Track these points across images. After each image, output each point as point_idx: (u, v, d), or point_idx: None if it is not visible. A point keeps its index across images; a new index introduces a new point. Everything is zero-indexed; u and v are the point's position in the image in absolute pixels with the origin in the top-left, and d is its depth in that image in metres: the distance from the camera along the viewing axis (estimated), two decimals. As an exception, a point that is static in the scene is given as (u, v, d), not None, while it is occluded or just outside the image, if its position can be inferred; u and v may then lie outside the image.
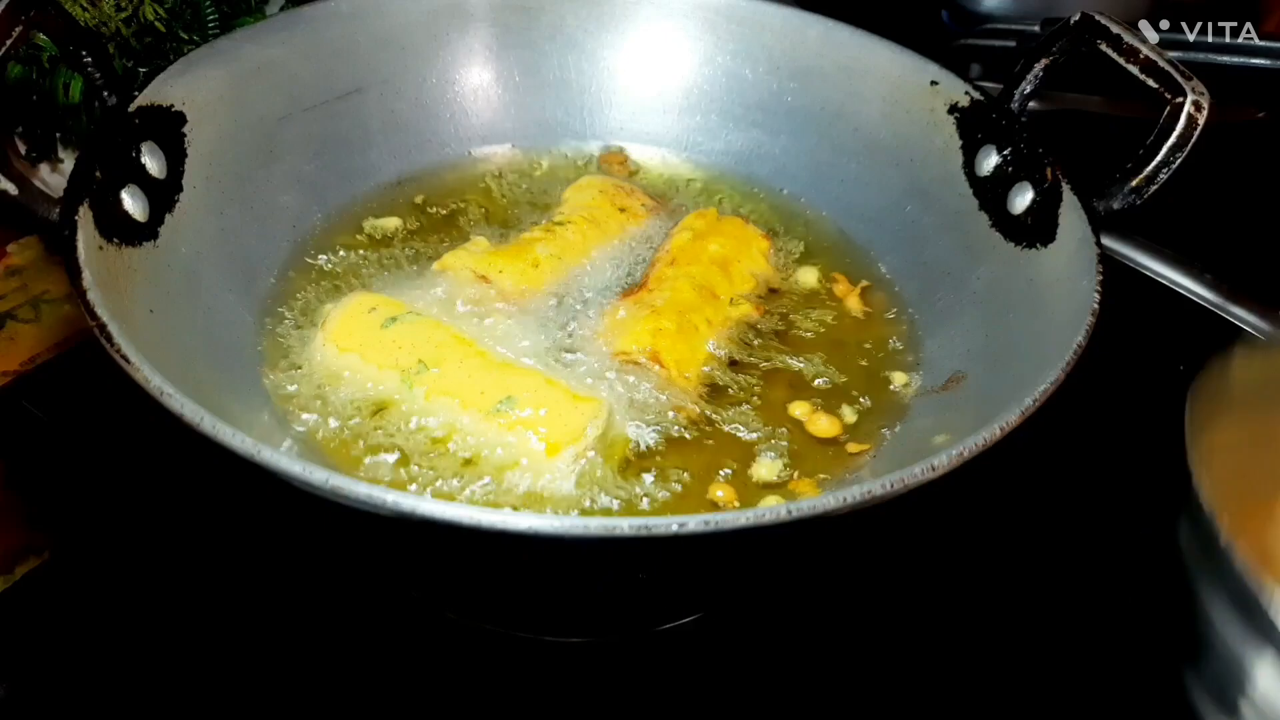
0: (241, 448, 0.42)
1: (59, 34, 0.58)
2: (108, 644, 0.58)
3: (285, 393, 0.60)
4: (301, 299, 0.67)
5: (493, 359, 0.61)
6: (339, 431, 0.59)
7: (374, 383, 0.60)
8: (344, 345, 0.61)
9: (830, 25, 0.79)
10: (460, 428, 0.58)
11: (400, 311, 0.63)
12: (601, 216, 0.75)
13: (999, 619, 0.64)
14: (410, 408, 0.59)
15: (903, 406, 0.64)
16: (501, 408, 0.58)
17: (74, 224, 0.52)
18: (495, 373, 0.60)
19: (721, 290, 0.69)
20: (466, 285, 0.68)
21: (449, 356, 0.60)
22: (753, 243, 0.74)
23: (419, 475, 0.56)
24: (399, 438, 0.58)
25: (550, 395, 0.59)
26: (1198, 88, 0.60)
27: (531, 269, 0.69)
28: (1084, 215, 0.61)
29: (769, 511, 0.42)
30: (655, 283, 0.69)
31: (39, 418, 0.70)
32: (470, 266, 0.69)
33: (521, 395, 0.58)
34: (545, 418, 0.57)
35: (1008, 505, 0.68)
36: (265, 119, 0.70)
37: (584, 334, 0.66)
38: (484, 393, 0.58)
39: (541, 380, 0.60)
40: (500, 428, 0.57)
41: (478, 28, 0.81)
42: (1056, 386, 0.50)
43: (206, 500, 0.64)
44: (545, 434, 0.57)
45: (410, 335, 0.61)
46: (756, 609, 0.64)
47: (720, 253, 0.71)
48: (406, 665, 0.58)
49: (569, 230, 0.73)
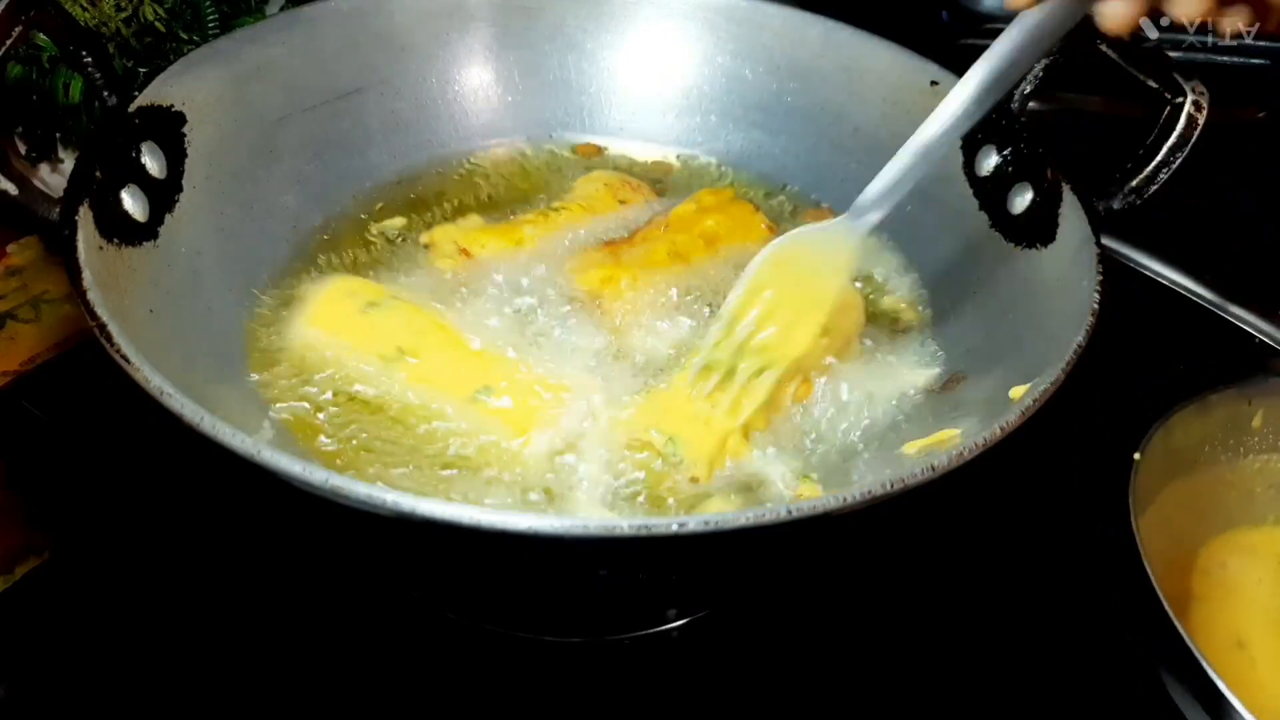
0: (241, 448, 0.42)
1: (59, 34, 0.58)
2: (108, 644, 0.58)
3: (282, 389, 0.60)
4: (302, 299, 0.67)
5: (470, 348, 0.61)
6: (320, 422, 0.59)
7: (353, 369, 0.61)
8: (326, 329, 0.62)
9: (830, 25, 0.79)
10: (438, 416, 0.58)
11: (380, 296, 0.64)
12: (599, 206, 0.75)
13: (995, 617, 0.64)
14: (389, 396, 0.60)
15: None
16: (479, 396, 0.58)
17: (74, 224, 0.52)
18: (473, 362, 0.60)
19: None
20: (448, 258, 0.69)
21: (428, 344, 0.61)
22: (752, 229, 0.74)
23: (399, 463, 0.57)
24: (377, 427, 0.58)
25: (526, 384, 0.59)
26: (1198, 88, 0.60)
27: (514, 247, 0.70)
28: (1084, 215, 0.61)
29: (769, 511, 0.42)
30: (640, 240, 0.70)
31: (39, 418, 0.70)
32: (455, 239, 0.70)
33: (498, 385, 0.59)
34: (521, 407, 0.58)
35: (1005, 503, 0.68)
36: (265, 119, 0.70)
37: (550, 294, 0.67)
38: (461, 382, 0.59)
39: (517, 368, 0.60)
40: (478, 416, 0.58)
41: (478, 28, 0.81)
42: (1056, 386, 0.50)
43: (206, 500, 0.64)
44: (520, 423, 0.58)
45: (390, 321, 0.62)
46: (756, 609, 0.64)
47: (713, 229, 0.72)
48: (406, 665, 0.58)
49: (561, 215, 0.73)
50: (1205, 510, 0.65)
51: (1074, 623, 0.63)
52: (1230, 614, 0.61)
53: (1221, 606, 0.62)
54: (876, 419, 0.63)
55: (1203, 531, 0.65)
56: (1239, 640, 0.60)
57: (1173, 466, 0.62)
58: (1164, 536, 0.59)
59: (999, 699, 0.60)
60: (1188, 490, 0.63)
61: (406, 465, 0.57)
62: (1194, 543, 0.65)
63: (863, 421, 0.63)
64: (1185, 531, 0.64)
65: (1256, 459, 0.66)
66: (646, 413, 0.59)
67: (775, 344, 0.61)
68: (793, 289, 0.62)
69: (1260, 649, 0.59)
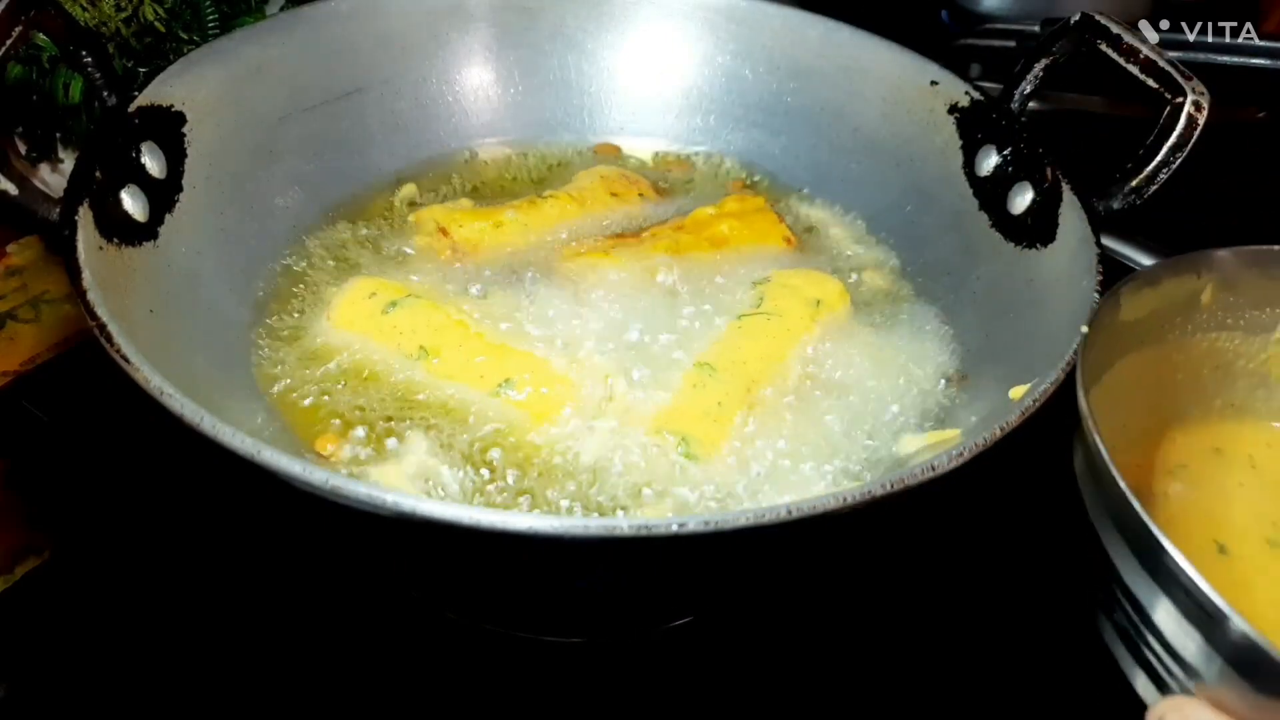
0: (241, 448, 0.42)
1: (59, 34, 0.58)
2: (108, 644, 0.58)
3: (284, 389, 0.60)
4: (302, 298, 0.67)
5: (488, 340, 0.62)
6: (342, 427, 0.59)
7: (378, 369, 0.61)
8: (351, 330, 0.63)
9: (830, 25, 0.79)
10: (464, 409, 0.60)
11: (399, 295, 0.64)
12: (589, 197, 0.76)
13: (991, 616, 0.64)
14: (413, 394, 0.60)
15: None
16: (501, 390, 0.60)
17: (74, 224, 0.52)
18: (492, 355, 0.61)
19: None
20: (428, 236, 0.71)
21: (448, 341, 0.62)
22: (767, 239, 0.74)
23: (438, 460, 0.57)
24: (405, 425, 0.59)
25: (543, 375, 0.60)
26: (1198, 88, 0.60)
27: (493, 229, 0.71)
28: (1084, 215, 0.61)
29: (769, 511, 0.42)
30: (649, 237, 0.71)
31: (39, 418, 0.70)
32: (436, 218, 0.71)
33: (519, 376, 0.60)
34: (541, 396, 0.60)
35: (1002, 502, 0.68)
36: (265, 119, 0.70)
37: (551, 286, 0.69)
38: (483, 376, 0.60)
39: (533, 359, 0.62)
40: (502, 406, 0.59)
41: (478, 28, 0.81)
42: (1056, 386, 0.50)
43: (206, 500, 0.64)
44: (541, 410, 0.59)
45: (410, 320, 0.63)
46: (756, 609, 0.64)
47: (724, 234, 0.72)
48: (406, 665, 0.58)
49: (548, 204, 0.74)
50: (1153, 391, 0.61)
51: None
52: (1205, 518, 0.57)
53: (1195, 509, 0.58)
54: (876, 419, 0.63)
55: (1155, 421, 0.62)
56: (1220, 545, 0.56)
57: (1122, 343, 0.58)
58: (1115, 420, 0.53)
59: (996, 699, 0.60)
60: (1136, 368, 0.59)
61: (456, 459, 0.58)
62: (1146, 432, 0.61)
63: (863, 421, 0.63)
64: (1135, 418, 0.60)
65: (1204, 338, 0.62)
66: (658, 417, 0.60)
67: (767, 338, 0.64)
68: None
69: (1243, 555, 0.55)
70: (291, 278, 0.68)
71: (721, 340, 0.64)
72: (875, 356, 0.68)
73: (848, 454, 0.60)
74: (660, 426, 0.59)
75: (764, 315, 0.65)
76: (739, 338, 0.64)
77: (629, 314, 0.67)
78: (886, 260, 0.75)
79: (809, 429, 0.62)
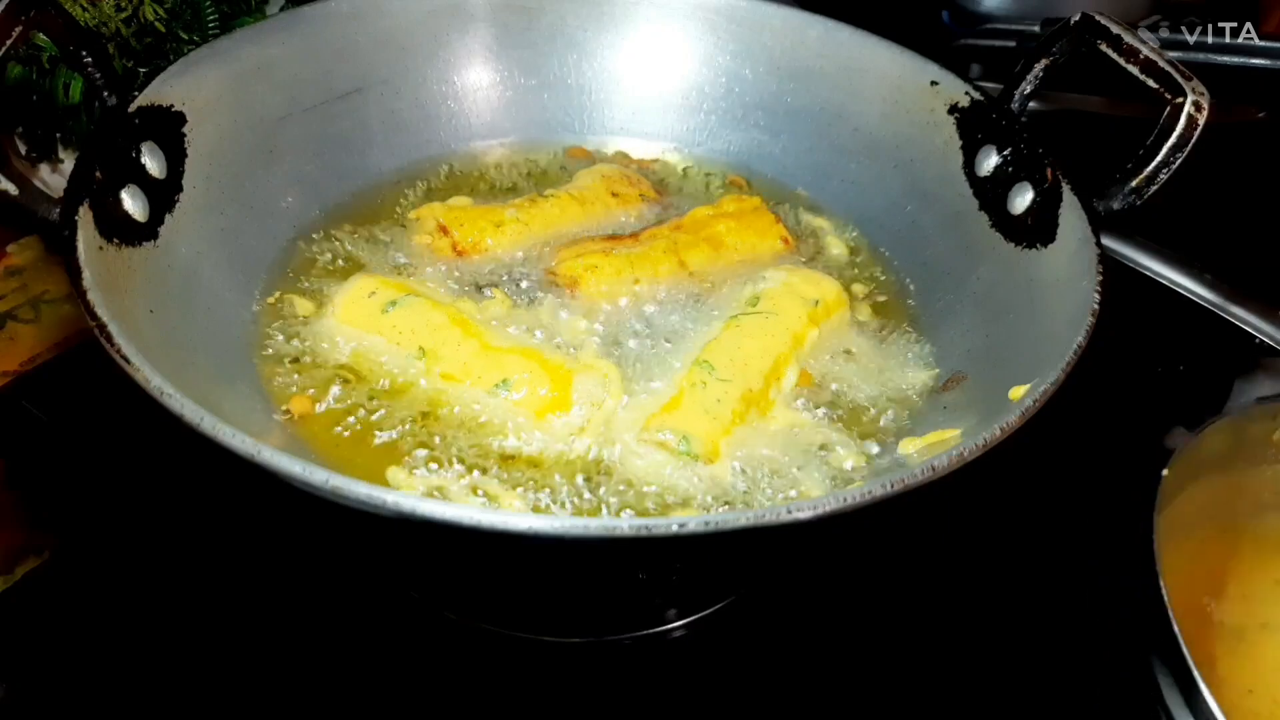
0: (241, 448, 0.42)
1: (59, 34, 0.58)
2: (108, 644, 0.59)
3: (285, 388, 0.60)
4: (301, 298, 0.67)
5: (487, 341, 0.62)
6: (342, 425, 0.59)
7: (378, 368, 0.62)
8: (353, 327, 0.63)
9: (830, 25, 0.79)
10: (463, 408, 0.60)
11: (400, 293, 0.64)
12: (591, 197, 0.76)
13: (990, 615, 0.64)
14: (413, 394, 0.60)
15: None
16: (499, 389, 0.60)
17: (74, 224, 0.52)
18: (490, 356, 0.61)
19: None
20: (427, 234, 0.71)
21: (447, 340, 0.62)
22: (765, 239, 0.74)
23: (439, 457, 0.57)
24: (406, 424, 0.59)
25: (542, 375, 0.60)
26: (1198, 88, 0.60)
27: (493, 228, 0.71)
28: (1084, 215, 0.61)
29: (769, 512, 0.42)
30: (646, 238, 0.72)
31: (39, 418, 0.70)
32: (436, 216, 0.71)
33: (517, 376, 0.60)
34: (539, 397, 0.60)
35: (1001, 501, 0.68)
36: (265, 119, 0.70)
37: (550, 285, 0.70)
38: (482, 376, 0.61)
39: (531, 358, 0.61)
40: (501, 405, 0.60)
41: (478, 28, 0.81)
42: (1056, 386, 0.50)
43: (206, 500, 0.64)
44: (539, 409, 0.59)
45: (410, 319, 0.63)
46: (755, 609, 0.64)
47: (722, 235, 0.72)
48: (406, 665, 0.58)
49: (549, 203, 0.74)
50: (1219, 515, 0.67)
51: (1058, 622, 0.63)
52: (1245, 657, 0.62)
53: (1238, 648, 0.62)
54: (876, 419, 0.63)
55: (1220, 545, 0.66)
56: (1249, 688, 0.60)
57: (1194, 475, 0.64)
58: (1180, 542, 0.60)
59: (1001, 703, 0.60)
60: (1204, 498, 0.65)
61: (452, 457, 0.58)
62: (1213, 556, 0.66)
63: (863, 421, 0.63)
64: (1206, 544, 0.65)
65: (1270, 468, 0.69)
66: (658, 416, 0.60)
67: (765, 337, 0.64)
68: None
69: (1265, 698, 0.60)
70: (291, 277, 0.68)
71: (720, 339, 0.64)
72: (874, 356, 0.68)
73: (847, 453, 0.60)
74: (659, 425, 0.59)
75: (762, 315, 0.65)
76: (737, 337, 0.64)
77: (628, 313, 0.67)
78: (886, 260, 0.75)
79: (808, 428, 0.62)
